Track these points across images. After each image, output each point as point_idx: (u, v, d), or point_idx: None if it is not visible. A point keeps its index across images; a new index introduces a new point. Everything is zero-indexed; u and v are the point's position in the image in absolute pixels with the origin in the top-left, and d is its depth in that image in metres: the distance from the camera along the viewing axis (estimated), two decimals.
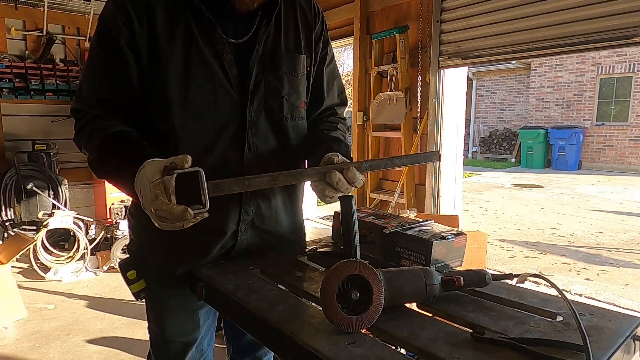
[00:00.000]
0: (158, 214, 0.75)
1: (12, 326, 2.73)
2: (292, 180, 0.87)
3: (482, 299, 0.84)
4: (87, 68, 0.95)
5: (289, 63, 1.00)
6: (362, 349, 0.66)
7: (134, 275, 1.03)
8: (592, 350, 0.59)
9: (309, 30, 1.05)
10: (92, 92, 0.93)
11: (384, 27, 3.74)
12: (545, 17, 2.66)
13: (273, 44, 0.99)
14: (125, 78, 0.92)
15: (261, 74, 0.97)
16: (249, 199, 1.01)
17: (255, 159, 0.99)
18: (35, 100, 4.12)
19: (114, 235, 3.72)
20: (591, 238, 5.04)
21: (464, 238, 0.98)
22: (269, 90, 0.98)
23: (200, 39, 0.91)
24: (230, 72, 0.94)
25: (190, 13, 0.91)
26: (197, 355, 1.12)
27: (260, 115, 0.98)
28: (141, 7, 0.89)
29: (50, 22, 4.10)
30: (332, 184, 0.85)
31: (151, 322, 1.11)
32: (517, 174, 10.81)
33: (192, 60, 0.91)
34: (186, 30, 0.91)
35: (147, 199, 0.76)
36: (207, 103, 0.93)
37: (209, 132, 0.95)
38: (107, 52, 0.91)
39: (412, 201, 3.59)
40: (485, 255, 2.47)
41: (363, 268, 0.72)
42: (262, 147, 1.00)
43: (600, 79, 11.50)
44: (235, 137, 0.96)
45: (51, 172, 3.97)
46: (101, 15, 0.92)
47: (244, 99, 0.96)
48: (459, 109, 3.51)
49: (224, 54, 0.93)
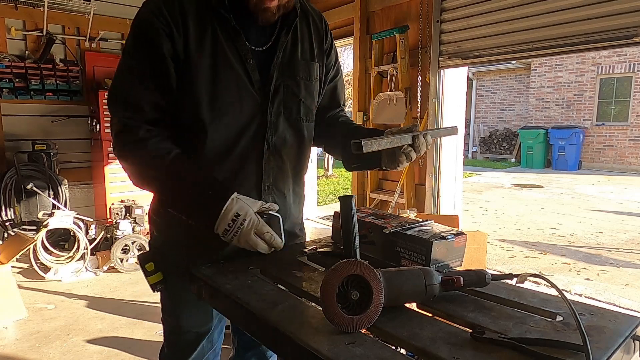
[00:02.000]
0: (246, 237, 0.94)
1: (12, 326, 2.73)
2: (397, 142, 0.97)
3: (482, 299, 0.84)
4: (127, 74, 1.00)
5: (304, 69, 1.10)
6: (362, 349, 0.66)
7: (152, 267, 1.09)
8: (592, 350, 0.59)
9: (321, 42, 1.16)
10: (138, 99, 0.98)
11: (384, 27, 3.74)
12: (545, 17, 2.66)
13: (291, 51, 1.08)
14: (168, 84, 0.99)
15: (280, 79, 1.06)
16: (266, 193, 1.09)
17: (273, 157, 1.08)
18: (35, 100, 4.12)
19: (114, 235, 3.72)
20: (591, 238, 5.04)
21: (464, 238, 0.98)
22: (288, 94, 1.07)
23: (226, 45, 0.99)
24: (253, 76, 1.02)
25: (216, 21, 0.99)
26: (208, 346, 1.19)
27: (279, 116, 1.07)
28: (177, 15, 0.96)
29: (50, 22, 4.10)
30: (418, 146, 1.00)
31: (166, 313, 1.18)
32: (517, 174, 10.82)
33: (219, 65, 0.99)
34: (213, 36, 0.98)
35: (249, 224, 0.94)
36: (232, 104, 1.01)
37: (232, 130, 1.02)
38: (152, 61, 0.97)
39: (412, 201, 3.59)
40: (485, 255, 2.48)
41: (363, 268, 0.72)
42: (279, 145, 1.08)
43: (600, 79, 11.50)
44: (255, 135, 1.04)
45: (51, 172, 3.97)
46: (139, 22, 0.98)
47: (265, 101, 1.04)
48: (459, 109, 3.51)
49: (247, 59, 1.01)
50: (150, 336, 2.61)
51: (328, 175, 10.48)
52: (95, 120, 4.19)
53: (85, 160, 4.48)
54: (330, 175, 10.52)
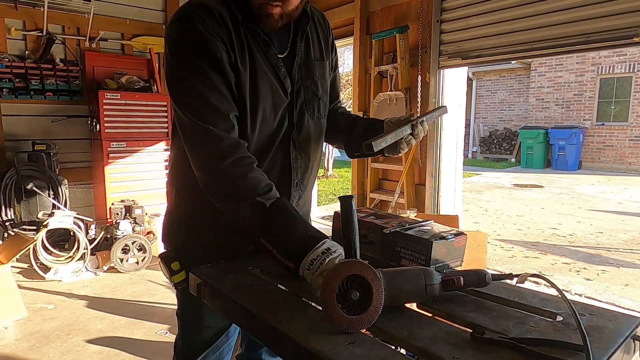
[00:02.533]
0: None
1: (12, 326, 2.73)
2: (400, 135, 1.06)
3: (482, 299, 0.84)
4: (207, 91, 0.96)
5: (319, 69, 1.16)
6: (362, 349, 0.66)
7: (178, 266, 1.11)
8: (592, 350, 0.59)
9: (326, 40, 1.21)
10: (227, 113, 0.99)
11: (384, 27, 3.74)
12: (545, 17, 2.66)
13: (305, 54, 1.13)
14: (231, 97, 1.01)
15: (300, 81, 1.11)
16: (295, 190, 1.15)
17: (300, 155, 1.14)
18: (35, 100, 4.12)
19: (114, 235, 3.72)
20: (591, 238, 5.04)
21: (464, 238, 0.98)
22: (309, 94, 1.13)
23: (259, 56, 1.04)
24: (285, 83, 1.08)
25: (248, 34, 1.02)
26: (225, 340, 1.23)
27: (303, 116, 1.13)
28: (223, 28, 0.98)
29: (50, 22, 4.10)
30: (417, 133, 1.09)
31: (185, 309, 1.22)
32: (517, 174, 10.81)
33: (257, 76, 1.03)
34: (249, 49, 1.02)
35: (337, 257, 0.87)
36: (269, 113, 1.07)
37: (268, 134, 1.08)
38: (221, 72, 0.98)
39: (412, 201, 3.59)
40: (485, 255, 2.48)
41: (363, 268, 0.72)
42: (304, 144, 1.14)
43: (600, 79, 11.50)
44: (283, 137, 1.10)
45: (51, 172, 3.97)
46: (189, 34, 0.96)
47: (290, 103, 1.10)
48: (459, 109, 3.51)
49: (279, 67, 1.07)
50: (150, 336, 2.61)
51: (328, 175, 10.47)
52: (95, 120, 4.19)
53: (85, 160, 4.48)
54: (330, 175, 10.52)
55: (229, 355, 1.28)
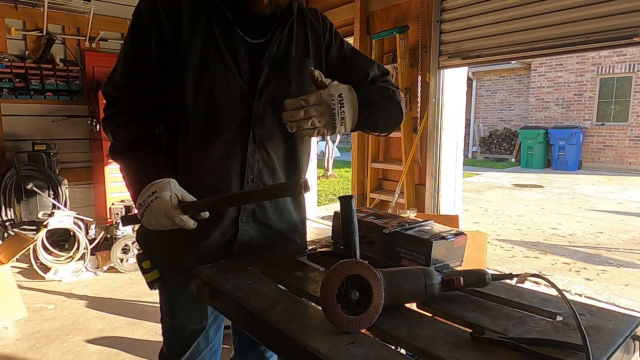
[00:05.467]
0: (156, 215, 0.94)
1: (12, 326, 2.73)
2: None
3: (482, 299, 0.84)
4: (120, 59, 1.07)
5: (297, 66, 1.09)
6: (361, 349, 0.66)
7: (149, 265, 1.11)
8: (592, 350, 0.59)
9: (319, 41, 1.15)
10: (124, 80, 1.06)
11: (384, 27, 3.74)
12: (545, 17, 2.66)
13: (285, 49, 1.09)
14: (151, 69, 1.03)
15: (272, 73, 1.06)
16: (250, 186, 1.07)
17: (258, 150, 1.07)
18: (35, 100, 4.12)
19: (114, 235, 3.72)
20: (591, 238, 5.04)
21: (463, 238, 0.98)
22: (278, 89, 1.06)
23: (218, 34, 1.01)
24: (243, 67, 1.03)
25: (212, 12, 1.02)
26: (204, 344, 1.18)
27: (267, 110, 1.06)
28: (170, 7, 1.00)
29: (50, 22, 4.10)
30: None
31: (164, 311, 1.19)
32: (517, 174, 10.81)
33: (209, 52, 1.01)
34: (207, 26, 1.01)
35: (159, 203, 0.94)
36: (217, 91, 1.02)
37: (217, 120, 1.03)
38: (137, 48, 1.03)
39: (412, 201, 3.59)
40: (485, 255, 2.47)
41: (363, 268, 0.72)
42: (266, 140, 1.07)
43: (600, 79, 11.50)
44: (240, 127, 1.04)
45: (51, 172, 3.97)
46: (135, 12, 1.04)
47: (252, 93, 1.04)
48: (459, 109, 3.50)
49: (238, 50, 1.02)
50: (150, 336, 2.61)
51: (328, 175, 10.47)
52: (95, 120, 4.19)
53: (85, 160, 4.48)
54: (330, 175, 10.52)
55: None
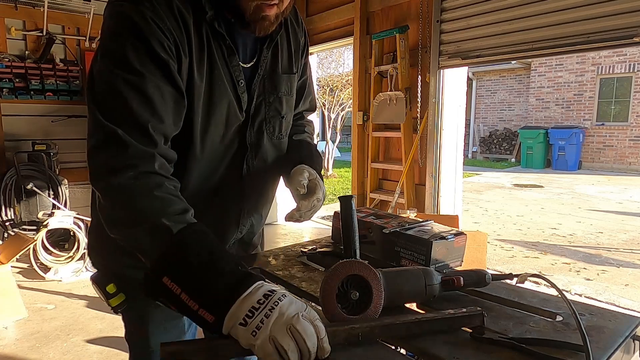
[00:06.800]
0: (281, 327, 0.60)
1: (12, 326, 2.73)
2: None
3: (482, 299, 0.84)
4: (132, 90, 0.75)
5: (286, 84, 1.01)
6: (362, 349, 0.66)
7: (114, 289, 0.97)
8: (592, 350, 0.59)
9: (298, 47, 1.05)
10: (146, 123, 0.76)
11: (384, 27, 3.75)
12: (545, 17, 2.66)
13: (272, 65, 0.97)
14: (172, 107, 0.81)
15: (262, 95, 0.96)
16: (245, 218, 1.02)
17: (253, 178, 0.99)
18: (35, 100, 4.12)
19: None
20: (591, 238, 5.04)
21: (463, 238, 0.98)
22: (270, 112, 0.98)
23: (220, 65, 0.87)
24: (242, 98, 0.92)
25: (212, 37, 0.85)
26: None
27: (261, 136, 0.98)
28: (180, 27, 0.80)
29: (50, 22, 4.10)
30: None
31: (131, 333, 1.07)
32: (517, 174, 10.82)
33: (215, 86, 0.87)
34: (210, 56, 0.85)
35: (290, 307, 0.61)
36: (222, 127, 0.90)
37: (218, 154, 0.93)
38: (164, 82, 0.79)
39: (412, 201, 3.59)
40: (485, 255, 2.47)
41: (363, 268, 0.72)
42: (260, 165, 1.00)
43: (600, 79, 11.51)
44: (235, 157, 0.95)
45: (51, 172, 3.97)
46: (136, 29, 0.75)
47: (245, 122, 0.95)
48: (459, 109, 3.51)
49: (239, 81, 0.91)
50: None
51: (328, 175, 10.48)
52: None
53: (85, 160, 4.46)
54: (330, 175, 10.52)
55: None
